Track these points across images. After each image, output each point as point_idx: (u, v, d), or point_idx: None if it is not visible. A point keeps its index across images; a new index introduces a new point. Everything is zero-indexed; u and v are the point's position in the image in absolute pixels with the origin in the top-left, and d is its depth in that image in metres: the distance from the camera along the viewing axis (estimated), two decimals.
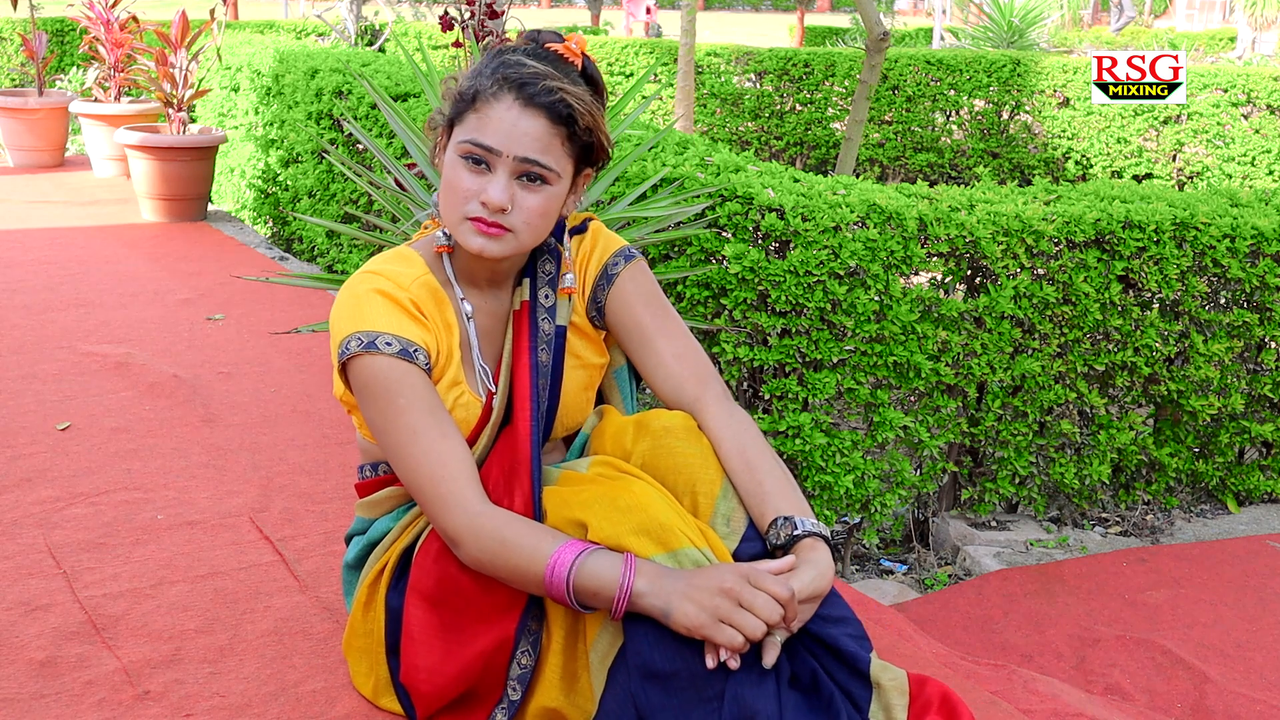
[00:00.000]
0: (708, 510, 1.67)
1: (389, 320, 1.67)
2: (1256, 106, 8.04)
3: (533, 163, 1.65)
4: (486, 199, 1.65)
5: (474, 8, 3.35)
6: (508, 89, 1.65)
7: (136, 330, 4.01)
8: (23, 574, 2.25)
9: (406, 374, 1.66)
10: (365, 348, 1.66)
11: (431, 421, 1.66)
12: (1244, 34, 18.88)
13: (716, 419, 1.76)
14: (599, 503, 1.61)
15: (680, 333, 1.85)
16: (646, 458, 1.71)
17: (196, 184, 6.03)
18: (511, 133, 1.64)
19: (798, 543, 1.62)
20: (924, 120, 8.92)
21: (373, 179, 3.05)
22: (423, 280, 1.74)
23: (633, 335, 1.84)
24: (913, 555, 3.25)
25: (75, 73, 8.89)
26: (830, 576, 1.60)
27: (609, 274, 1.84)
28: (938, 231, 2.96)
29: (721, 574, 1.51)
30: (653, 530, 1.58)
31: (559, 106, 1.65)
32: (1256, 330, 3.38)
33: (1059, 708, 2.10)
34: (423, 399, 1.66)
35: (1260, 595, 3.03)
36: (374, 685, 1.81)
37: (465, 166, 1.67)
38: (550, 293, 1.82)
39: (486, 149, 1.65)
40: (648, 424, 1.74)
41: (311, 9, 14.37)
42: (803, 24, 20.25)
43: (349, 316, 1.69)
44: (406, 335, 1.67)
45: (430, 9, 12.50)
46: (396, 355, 1.66)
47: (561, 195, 1.71)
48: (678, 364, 1.81)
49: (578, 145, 1.70)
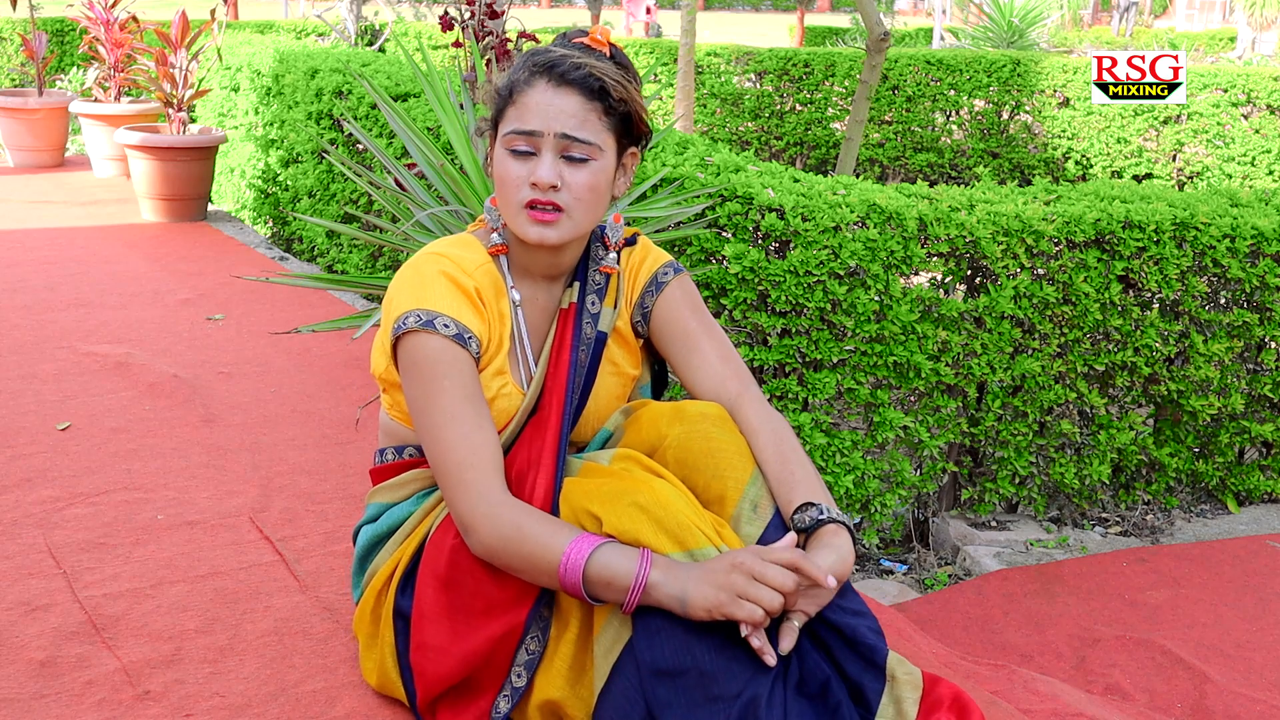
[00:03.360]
0: (735, 496, 1.70)
1: (450, 303, 1.72)
2: (1256, 106, 8.04)
3: (573, 139, 1.70)
4: (536, 179, 1.70)
5: (474, 8, 3.35)
6: (539, 74, 1.71)
7: (136, 330, 4.01)
8: (23, 574, 2.25)
9: (457, 358, 1.71)
10: (423, 325, 1.70)
11: (470, 409, 1.70)
12: (1244, 34, 18.89)
13: (757, 414, 1.80)
14: (616, 497, 1.63)
15: (724, 338, 1.92)
16: (681, 440, 1.74)
17: (196, 184, 6.03)
18: (549, 112, 1.69)
19: (821, 528, 1.65)
20: (924, 120, 8.92)
21: (373, 179, 3.05)
22: (485, 267, 1.79)
23: (678, 337, 1.89)
24: (913, 555, 3.25)
25: (75, 73, 8.89)
26: (850, 562, 1.62)
27: (659, 281, 1.90)
28: (938, 231, 2.96)
29: (732, 555, 1.55)
30: (670, 528, 1.59)
31: (590, 81, 1.70)
32: (1256, 330, 3.38)
33: (1059, 708, 2.11)
34: (467, 385, 1.71)
35: (1260, 595, 3.03)
36: (379, 671, 1.82)
37: (512, 157, 1.72)
38: (597, 300, 1.87)
39: (528, 133, 1.70)
40: (684, 410, 1.78)
41: (311, 9, 14.37)
42: (803, 24, 20.25)
43: (411, 293, 1.73)
44: (464, 320, 1.72)
45: (430, 9, 12.51)
46: (452, 339, 1.71)
47: (609, 171, 1.76)
48: (722, 364, 1.87)
49: (615, 118, 1.74)
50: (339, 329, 3.00)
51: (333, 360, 3.74)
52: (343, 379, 3.56)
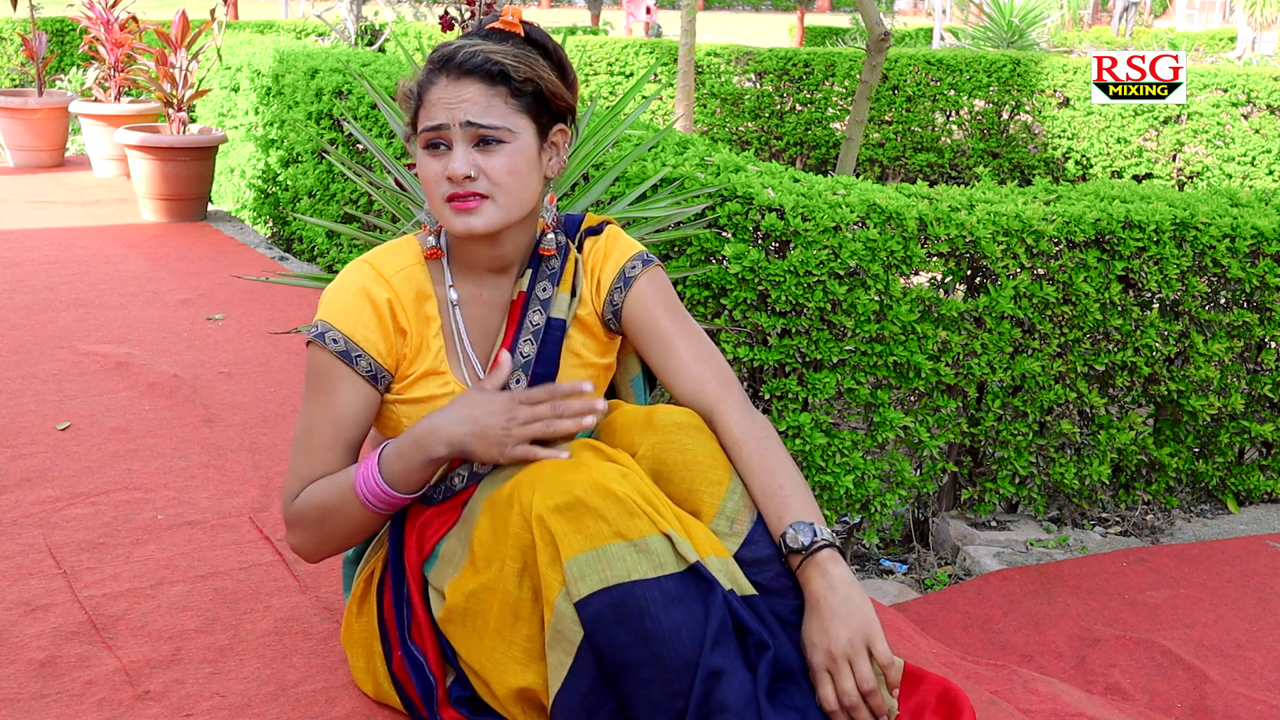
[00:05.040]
0: (712, 509, 1.66)
1: (347, 317, 1.74)
2: (1256, 106, 8.04)
3: (478, 125, 1.68)
4: (450, 172, 1.68)
5: (474, 8, 3.35)
6: (439, 70, 1.71)
7: (136, 330, 4.01)
8: (23, 574, 2.25)
9: (339, 375, 1.74)
10: (317, 336, 1.74)
11: (329, 428, 1.75)
12: (1244, 34, 18.88)
13: (740, 422, 1.75)
14: (548, 476, 1.59)
15: (701, 337, 1.84)
16: (653, 452, 1.69)
17: (196, 184, 6.03)
18: (451, 104, 1.68)
19: (816, 553, 1.63)
20: (924, 120, 8.92)
21: (373, 179, 3.05)
22: (407, 272, 1.78)
23: (651, 338, 1.83)
24: (913, 555, 3.25)
25: (75, 73, 8.89)
26: (864, 608, 1.60)
27: (626, 276, 1.83)
28: (938, 231, 2.96)
29: (483, 401, 1.68)
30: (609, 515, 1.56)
31: (487, 66, 1.68)
32: (1256, 330, 3.38)
33: (1059, 708, 2.11)
34: (338, 404, 1.75)
35: (1260, 595, 3.03)
36: (372, 680, 1.82)
37: (428, 155, 1.72)
38: (549, 286, 1.82)
39: (435, 128, 1.69)
40: (656, 419, 1.73)
41: (311, 9, 14.37)
42: (803, 24, 20.25)
43: (324, 302, 1.78)
44: (357, 337, 1.74)
45: (430, 9, 12.50)
46: (337, 355, 1.74)
47: (529, 152, 1.72)
48: (699, 366, 1.80)
49: (526, 99, 1.71)
50: None
51: None
52: None
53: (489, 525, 1.63)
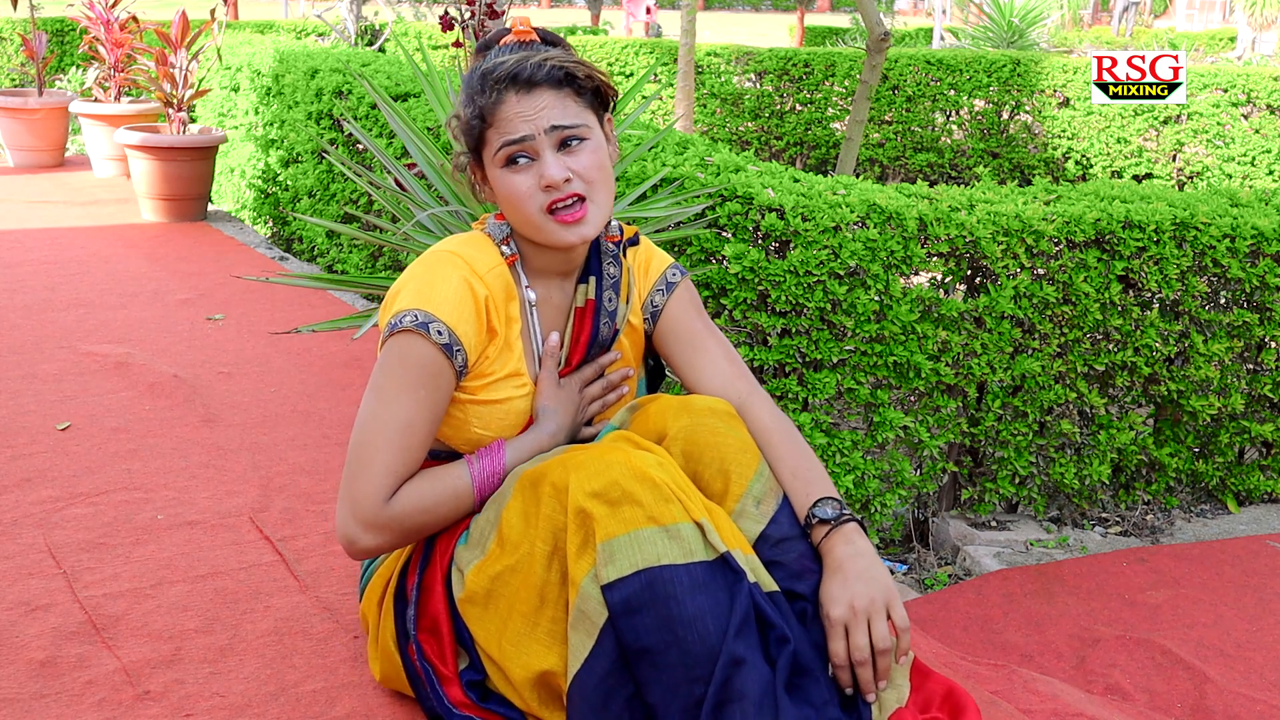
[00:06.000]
0: (739, 489, 1.70)
1: (452, 309, 1.71)
2: (1256, 106, 8.04)
3: (562, 127, 1.71)
4: (547, 180, 1.70)
5: (474, 8, 3.35)
6: (505, 87, 1.71)
7: (136, 330, 4.01)
8: (23, 574, 2.25)
9: (441, 370, 1.71)
10: (419, 326, 1.69)
11: (429, 424, 1.72)
12: (1244, 34, 18.87)
13: (770, 414, 1.85)
14: (590, 462, 1.63)
15: (725, 339, 1.96)
16: (686, 433, 1.75)
17: (196, 184, 6.03)
18: (530, 115, 1.70)
19: (843, 525, 1.69)
20: (924, 120, 8.92)
21: (373, 179, 3.05)
22: (498, 270, 1.78)
23: (684, 339, 1.92)
24: (913, 555, 3.25)
25: (75, 73, 8.89)
26: (885, 575, 1.65)
27: (669, 282, 1.94)
28: (938, 231, 2.96)
29: (567, 398, 1.82)
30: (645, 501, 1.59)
31: (554, 73, 1.72)
32: (1256, 330, 3.38)
33: (1059, 708, 2.11)
34: (440, 398, 1.72)
35: (1260, 595, 3.03)
36: (383, 658, 1.83)
37: (513, 172, 1.72)
38: (614, 296, 1.89)
39: (520, 140, 1.70)
40: (691, 404, 1.79)
41: (311, 9, 14.37)
42: (803, 24, 20.24)
43: (416, 291, 1.72)
44: (459, 330, 1.71)
45: (430, 9, 12.51)
46: (441, 348, 1.70)
47: (603, 145, 1.77)
48: (730, 364, 1.91)
49: (588, 95, 1.76)
50: (339, 329, 3.00)
51: (333, 360, 3.74)
52: (343, 379, 3.56)
53: (519, 507, 1.65)
